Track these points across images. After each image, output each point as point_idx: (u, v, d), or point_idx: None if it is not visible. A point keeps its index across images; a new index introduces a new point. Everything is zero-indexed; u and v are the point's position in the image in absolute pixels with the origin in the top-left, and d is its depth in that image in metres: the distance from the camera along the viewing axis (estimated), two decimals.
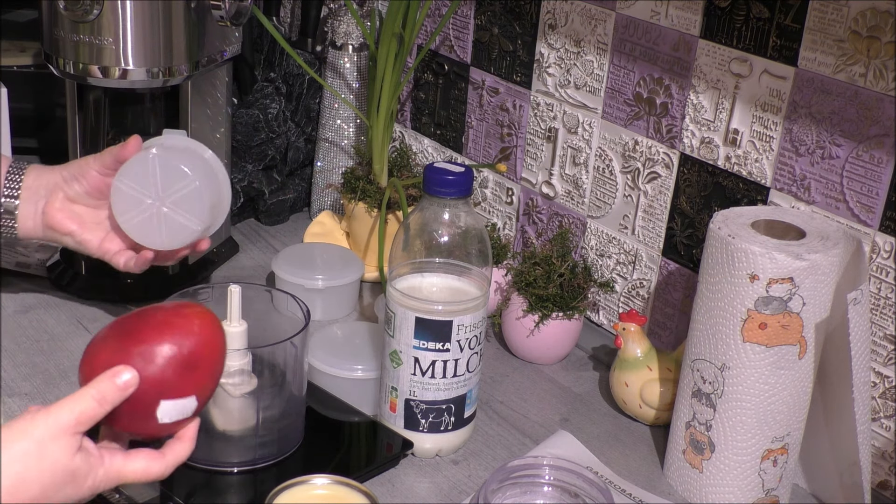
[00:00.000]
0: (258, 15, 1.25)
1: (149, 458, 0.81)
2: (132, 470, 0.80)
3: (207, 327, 0.83)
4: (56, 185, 1.05)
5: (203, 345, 0.82)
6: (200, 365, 0.81)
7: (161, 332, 0.80)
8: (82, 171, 1.05)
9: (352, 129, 1.43)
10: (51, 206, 1.05)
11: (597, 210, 1.24)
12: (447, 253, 0.98)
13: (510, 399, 1.15)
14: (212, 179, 1.08)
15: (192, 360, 0.81)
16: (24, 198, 1.05)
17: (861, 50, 0.95)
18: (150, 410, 0.80)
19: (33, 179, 1.06)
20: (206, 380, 0.82)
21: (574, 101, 1.23)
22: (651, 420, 1.11)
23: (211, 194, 1.07)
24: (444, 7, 1.37)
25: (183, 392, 0.81)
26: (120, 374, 0.78)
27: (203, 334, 0.82)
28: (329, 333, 1.13)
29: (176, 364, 0.80)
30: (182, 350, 0.80)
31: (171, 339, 0.80)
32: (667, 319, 1.19)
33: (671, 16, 1.10)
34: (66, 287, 1.26)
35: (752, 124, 1.06)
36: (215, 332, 0.83)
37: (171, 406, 0.80)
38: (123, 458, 0.80)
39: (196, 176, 1.04)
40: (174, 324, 0.81)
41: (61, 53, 1.16)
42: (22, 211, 1.05)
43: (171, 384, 0.80)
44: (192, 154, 1.08)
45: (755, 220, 0.96)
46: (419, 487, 1.00)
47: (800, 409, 0.96)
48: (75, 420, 0.76)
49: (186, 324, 0.82)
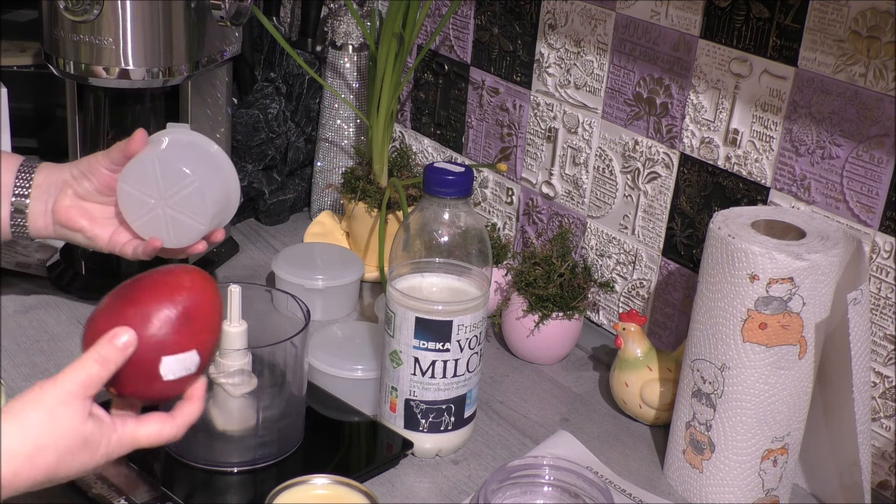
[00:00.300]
0: (258, 15, 1.25)
1: (160, 420, 0.83)
2: (145, 434, 0.82)
3: (198, 282, 0.85)
4: (66, 183, 1.05)
5: (195, 298, 0.83)
6: (196, 317, 0.83)
7: (153, 292, 0.83)
8: (91, 169, 1.05)
9: (352, 129, 1.43)
10: (60, 204, 1.05)
11: (597, 210, 1.24)
12: (447, 253, 0.98)
13: (510, 399, 1.15)
14: (216, 174, 1.07)
15: (187, 314, 0.82)
16: (34, 196, 1.05)
17: (861, 50, 0.95)
18: (154, 369, 0.81)
19: (44, 178, 1.06)
20: (204, 333, 0.84)
21: (574, 101, 1.23)
22: (651, 420, 1.11)
23: (216, 191, 1.06)
24: (444, 7, 1.37)
25: (183, 347, 0.82)
26: (119, 336, 0.80)
27: (195, 288, 0.84)
28: (329, 333, 1.13)
29: (171, 319, 0.82)
30: (175, 305, 0.82)
31: (163, 297, 0.82)
32: (667, 319, 1.19)
33: (671, 16, 1.10)
34: (66, 287, 1.26)
35: (752, 124, 1.06)
36: (206, 286, 0.85)
37: (173, 361, 0.82)
38: (135, 423, 0.82)
39: (197, 175, 1.03)
40: (165, 282, 0.84)
41: (61, 53, 1.16)
42: (32, 209, 1.05)
43: (169, 340, 0.81)
44: (197, 149, 1.07)
45: (755, 220, 0.96)
46: (419, 487, 1.00)
47: (800, 409, 0.96)
48: (81, 384, 0.77)
49: (177, 281, 0.84)
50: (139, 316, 0.81)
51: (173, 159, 1.04)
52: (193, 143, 1.07)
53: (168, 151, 1.04)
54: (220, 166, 1.08)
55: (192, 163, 1.04)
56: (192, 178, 1.03)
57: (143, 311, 0.81)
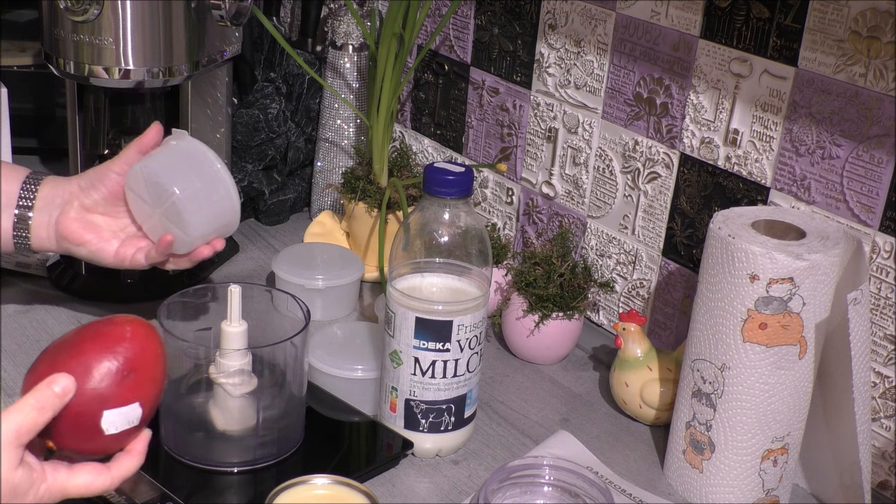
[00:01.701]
0: (258, 15, 1.25)
1: (94, 471, 0.81)
2: (75, 484, 0.80)
3: (140, 332, 0.84)
4: (72, 195, 1.05)
5: (136, 349, 0.82)
6: (138, 369, 0.82)
7: (94, 343, 0.81)
8: (101, 177, 1.04)
9: (352, 129, 1.43)
10: (65, 216, 1.04)
11: (597, 210, 1.24)
12: (447, 253, 0.98)
13: (510, 399, 1.15)
14: (210, 187, 1.06)
15: (128, 366, 0.81)
16: (38, 208, 1.04)
17: (861, 50, 0.95)
18: (95, 423, 0.80)
19: (49, 190, 1.05)
20: (145, 384, 0.83)
21: (574, 101, 1.23)
22: (651, 420, 1.11)
23: (204, 203, 1.05)
24: (444, 7, 1.37)
25: (124, 399, 0.81)
26: (56, 381, 0.78)
27: (136, 339, 0.83)
28: (329, 333, 1.13)
29: (112, 372, 0.80)
30: (116, 357, 0.81)
31: (104, 348, 0.81)
32: (667, 319, 1.19)
33: (671, 16, 1.10)
34: (66, 287, 1.26)
35: (752, 124, 1.06)
36: (148, 336, 0.84)
37: (115, 415, 0.81)
38: (67, 473, 0.80)
39: (180, 187, 1.03)
40: (105, 333, 0.83)
41: (61, 53, 1.16)
42: (36, 221, 1.05)
43: (110, 392, 0.80)
44: (192, 160, 1.06)
45: (755, 220, 0.96)
46: (419, 487, 1.00)
47: (800, 409, 0.96)
48: (15, 431, 0.75)
49: (117, 331, 0.83)
50: (80, 368, 0.79)
51: (158, 171, 1.03)
52: (192, 153, 1.07)
53: (154, 161, 1.04)
54: (216, 179, 1.06)
55: (181, 174, 1.04)
56: (170, 192, 1.03)
57: (84, 362, 0.80)
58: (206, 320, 1.01)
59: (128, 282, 1.29)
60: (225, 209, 1.08)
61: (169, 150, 1.06)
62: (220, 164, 1.06)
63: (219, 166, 1.06)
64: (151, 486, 0.93)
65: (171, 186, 1.03)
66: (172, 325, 0.97)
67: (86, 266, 1.30)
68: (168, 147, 1.07)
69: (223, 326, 0.97)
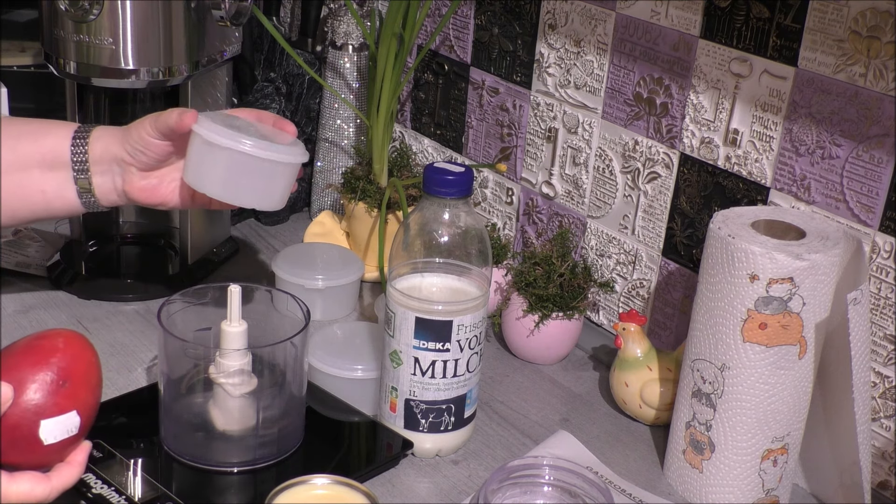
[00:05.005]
0: (258, 15, 1.25)
1: (33, 479, 0.81)
2: (16, 491, 0.80)
3: (72, 342, 0.84)
4: (125, 161, 1.01)
5: (70, 358, 0.83)
6: (72, 377, 0.82)
7: (27, 357, 0.82)
8: (145, 144, 1.00)
9: (352, 129, 1.43)
10: (131, 185, 1.02)
11: (597, 210, 1.24)
12: (447, 253, 0.98)
13: (510, 399, 1.15)
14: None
15: (63, 375, 0.82)
16: (96, 171, 1.01)
17: (861, 50, 0.95)
18: (34, 434, 0.80)
19: (101, 151, 1.01)
20: (81, 392, 0.83)
21: (574, 101, 1.23)
22: (651, 420, 1.11)
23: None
24: (444, 7, 1.37)
25: (61, 408, 0.81)
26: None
27: (68, 348, 0.83)
28: (329, 333, 1.13)
29: (47, 382, 0.81)
30: (50, 367, 0.81)
31: (38, 360, 0.81)
32: (667, 319, 1.19)
33: (671, 16, 1.10)
34: (66, 287, 1.26)
35: (752, 124, 1.06)
36: (81, 345, 0.85)
37: (52, 424, 0.81)
38: (7, 480, 0.80)
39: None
40: (38, 346, 0.83)
41: (61, 53, 1.16)
42: (99, 184, 1.02)
43: (47, 402, 0.81)
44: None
45: (755, 220, 0.96)
46: (419, 487, 1.00)
47: (800, 409, 0.96)
48: None
49: (50, 344, 0.83)
50: (15, 381, 0.80)
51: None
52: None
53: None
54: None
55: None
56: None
57: (19, 376, 0.80)
58: (206, 320, 1.01)
59: (128, 282, 1.29)
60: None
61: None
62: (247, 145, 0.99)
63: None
64: (151, 486, 0.93)
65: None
66: (172, 325, 0.97)
67: (86, 266, 1.30)
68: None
69: (223, 326, 0.97)
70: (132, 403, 1.06)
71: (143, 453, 0.98)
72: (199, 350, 0.99)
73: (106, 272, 1.33)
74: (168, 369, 0.97)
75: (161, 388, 0.97)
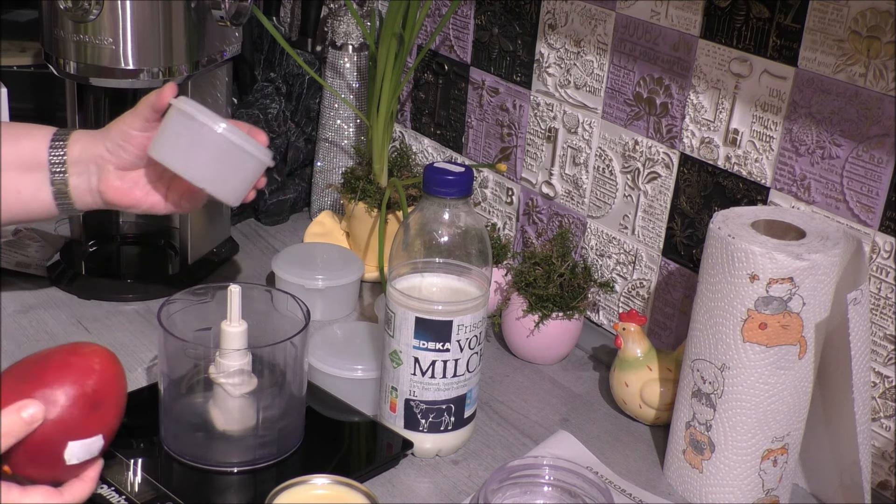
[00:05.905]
0: (258, 15, 1.25)
1: (46, 494, 0.80)
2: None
3: (107, 364, 0.84)
4: (103, 158, 1.02)
5: (105, 382, 0.82)
6: (104, 402, 0.82)
7: (61, 373, 0.81)
8: (125, 137, 1.01)
9: (352, 129, 1.43)
10: (106, 184, 1.02)
11: (597, 210, 1.24)
12: (447, 253, 0.98)
13: (510, 399, 1.15)
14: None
15: (96, 399, 0.81)
16: (73, 172, 1.02)
17: (861, 50, 0.95)
18: (58, 453, 0.80)
19: (79, 152, 1.02)
20: (110, 417, 0.83)
21: (574, 101, 1.23)
22: (651, 420, 1.11)
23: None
24: (444, 7, 1.37)
25: (89, 432, 0.81)
26: (26, 408, 0.78)
27: (104, 372, 0.83)
28: (329, 333, 1.13)
29: (80, 404, 0.80)
30: (85, 389, 0.81)
31: (72, 379, 0.81)
32: (667, 319, 1.19)
33: (671, 16, 1.10)
34: (66, 287, 1.26)
35: (752, 124, 1.06)
36: (115, 368, 0.84)
37: (78, 447, 0.81)
38: (20, 493, 0.79)
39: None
40: (73, 364, 0.82)
41: (61, 53, 1.16)
42: (75, 185, 1.02)
43: (77, 424, 0.80)
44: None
45: (755, 220, 0.96)
46: (419, 487, 1.00)
47: (800, 409, 0.96)
48: None
49: (86, 363, 0.82)
50: (45, 397, 0.79)
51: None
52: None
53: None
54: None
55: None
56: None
57: (50, 392, 0.79)
58: (206, 320, 1.01)
59: (128, 282, 1.29)
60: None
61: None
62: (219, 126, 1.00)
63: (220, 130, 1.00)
64: (151, 486, 0.93)
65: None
66: (172, 325, 0.97)
67: (86, 266, 1.30)
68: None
69: (223, 326, 0.97)
70: (132, 403, 1.05)
71: (143, 453, 0.98)
72: (199, 350, 0.99)
73: (106, 272, 1.33)
74: (168, 369, 0.97)
75: (161, 388, 0.97)
